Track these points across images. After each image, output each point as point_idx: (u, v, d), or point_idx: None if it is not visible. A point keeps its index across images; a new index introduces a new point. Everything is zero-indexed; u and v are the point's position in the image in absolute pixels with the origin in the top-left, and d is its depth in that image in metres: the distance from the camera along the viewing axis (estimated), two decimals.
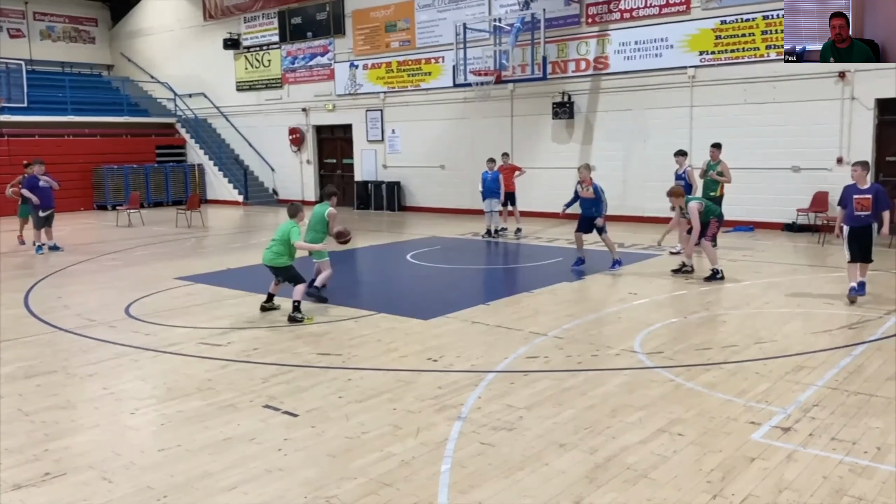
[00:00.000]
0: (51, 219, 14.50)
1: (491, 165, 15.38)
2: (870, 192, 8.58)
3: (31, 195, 14.21)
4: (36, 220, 14.33)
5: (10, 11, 27.96)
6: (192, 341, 7.65)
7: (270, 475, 4.50)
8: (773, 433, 4.99)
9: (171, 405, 5.77)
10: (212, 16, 26.35)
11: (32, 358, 7.17)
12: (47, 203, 14.32)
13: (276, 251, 8.63)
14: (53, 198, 14.56)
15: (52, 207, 14.45)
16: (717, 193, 12.89)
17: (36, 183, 14.32)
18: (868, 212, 8.59)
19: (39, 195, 14.22)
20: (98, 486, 4.38)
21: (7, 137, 22.71)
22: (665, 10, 16.74)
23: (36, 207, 14.19)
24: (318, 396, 5.89)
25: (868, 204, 8.53)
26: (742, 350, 6.96)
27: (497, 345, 7.32)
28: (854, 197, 8.58)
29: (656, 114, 17.12)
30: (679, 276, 10.73)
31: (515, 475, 4.43)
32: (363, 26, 22.39)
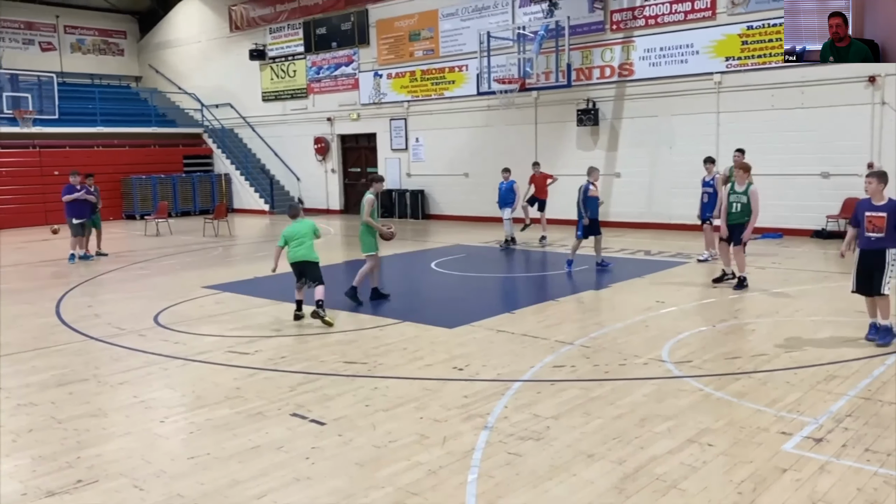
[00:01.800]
0: (86, 228, 14.61)
1: (506, 175, 15.34)
2: (885, 210, 7.02)
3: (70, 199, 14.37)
4: (71, 228, 14.46)
5: (41, 25, 28.55)
6: (221, 349, 7.72)
7: (299, 483, 4.52)
8: (805, 444, 4.91)
9: (201, 413, 5.82)
10: (238, 27, 26.68)
11: (64, 366, 7.28)
12: (80, 213, 14.44)
13: (309, 245, 8.89)
14: (89, 209, 14.63)
15: (85, 217, 14.57)
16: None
17: (71, 192, 14.45)
18: (881, 233, 7.02)
19: (71, 205, 14.35)
20: (129, 494, 4.43)
21: (39, 149, 23.16)
22: (690, 17, 16.65)
23: (70, 215, 14.35)
24: (344, 405, 5.91)
25: (882, 224, 6.99)
26: (772, 359, 6.87)
27: (523, 353, 7.29)
28: (866, 215, 7.12)
29: (682, 120, 17.01)
30: (722, 284, 10.40)
31: (543, 485, 4.41)
32: (387, 36, 22.53)
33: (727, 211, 10.14)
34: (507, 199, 15.22)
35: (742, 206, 9.98)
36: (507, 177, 15.34)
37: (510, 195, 15.18)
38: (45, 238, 18.43)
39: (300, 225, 8.98)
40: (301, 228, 8.95)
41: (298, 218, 9.08)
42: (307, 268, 8.85)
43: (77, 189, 14.51)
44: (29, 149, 23.07)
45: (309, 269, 8.85)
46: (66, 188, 14.62)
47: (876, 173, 7.22)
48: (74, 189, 14.51)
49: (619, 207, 18.16)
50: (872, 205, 7.12)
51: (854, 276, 7.31)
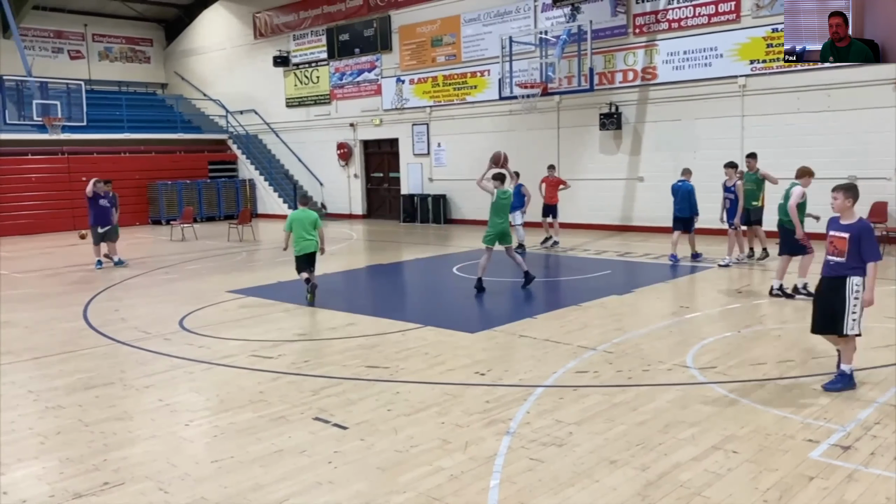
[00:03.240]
0: (110, 235, 14.71)
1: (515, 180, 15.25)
2: (848, 231, 5.88)
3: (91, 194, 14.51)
4: (94, 235, 14.66)
5: (70, 34, 29.03)
6: (244, 353, 7.78)
7: (321, 488, 4.54)
8: (833, 451, 4.84)
9: (225, 417, 5.87)
10: (262, 34, 26.94)
11: (91, 370, 7.38)
12: (104, 220, 14.58)
13: (315, 240, 10.42)
14: (112, 215, 14.75)
15: (109, 224, 14.67)
16: (759, 203, 12.69)
17: (96, 200, 14.56)
18: (841, 258, 5.91)
19: (96, 212, 14.50)
20: (154, 497, 4.48)
21: (67, 155, 23.54)
22: (714, 19, 16.52)
23: (94, 223, 14.54)
24: (366, 409, 5.93)
25: (843, 247, 5.87)
26: (799, 365, 6.78)
27: (545, 359, 7.26)
28: (829, 234, 6.04)
29: (706, 124, 16.87)
30: (800, 297, 9.76)
31: (565, 492, 4.39)
32: (410, 41, 22.61)
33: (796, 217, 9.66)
34: (515, 204, 15.13)
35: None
36: (516, 181, 15.23)
37: (518, 199, 15.09)
38: (73, 243, 18.71)
39: (305, 214, 10.38)
40: (306, 218, 10.34)
41: (304, 206, 10.66)
42: (311, 258, 10.51)
43: (101, 196, 14.59)
44: (57, 155, 23.47)
45: (313, 259, 10.55)
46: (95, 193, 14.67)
47: (843, 186, 6.02)
48: (100, 196, 14.60)
49: (643, 212, 18.04)
50: (839, 223, 6.01)
51: (812, 311, 6.21)
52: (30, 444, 5.41)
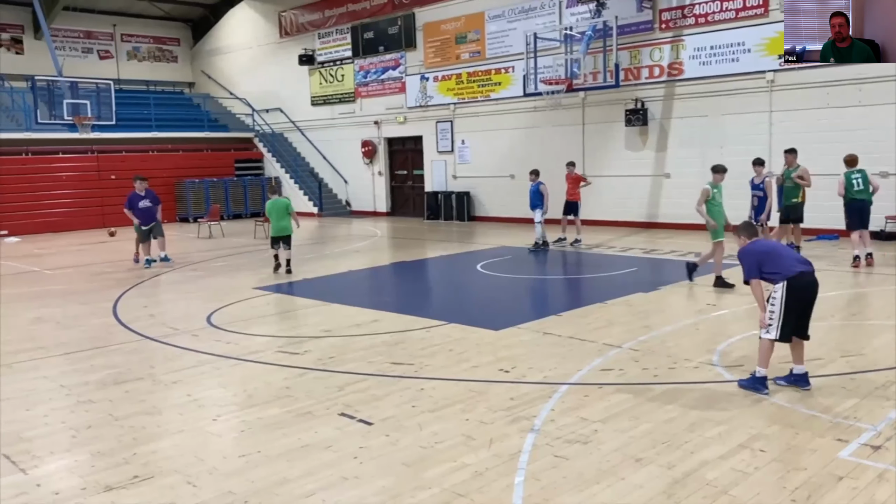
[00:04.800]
0: (156, 232, 14.45)
1: (533, 177, 15.19)
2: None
3: (131, 215, 14.31)
4: (140, 233, 14.43)
5: (99, 34, 29.45)
6: (271, 349, 7.86)
7: (346, 483, 4.58)
8: (863, 451, 4.77)
9: (252, 412, 5.94)
10: (287, 33, 27.11)
11: (121, 365, 7.49)
12: (149, 218, 14.36)
13: (288, 222, 12.77)
14: (156, 213, 14.50)
15: (154, 221, 14.43)
16: (799, 200, 12.49)
17: (136, 203, 14.32)
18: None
19: (139, 214, 14.27)
20: (183, 490, 4.55)
21: (96, 154, 23.89)
22: (742, 14, 16.33)
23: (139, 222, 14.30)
24: (391, 405, 5.96)
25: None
26: (827, 364, 6.69)
27: (570, 356, 7.24)
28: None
29: (733, 119, 16.68)
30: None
31: (590, 489, 4.38)
32: (434, 39, 22.62)
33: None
34: (534, 202, 15.09)
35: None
36: (535, 179, 15.19)
37: (537, 198, 15.04)
38: (103, 240, 19.01)
39: (278, 202, 12.89)
40: (279, 209, 12.75)
41: (273, 195, 13.16)
42: (285, 238, 12.82)
43: (142, 196, 14.36)
44: (87, 154, 23.83)
45: (285, 240, 12.83)
46: (133, 197, 14.36)
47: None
48: (140, 197, 14.35)
49: (669, 209, 17.89)
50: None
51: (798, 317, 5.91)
52: (62, 438, 5.52)
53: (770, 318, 5.86)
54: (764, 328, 5.93)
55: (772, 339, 5.90)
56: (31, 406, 6.26)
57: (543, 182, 15.13)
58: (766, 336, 5.92)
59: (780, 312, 5.80)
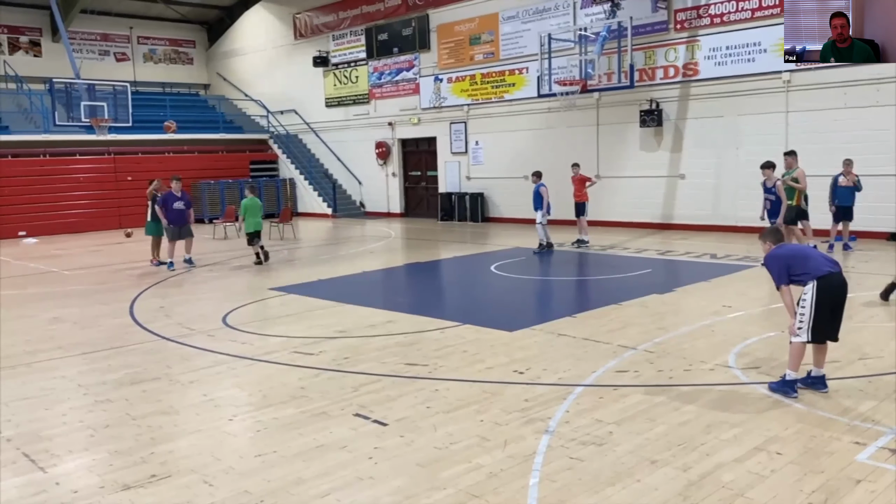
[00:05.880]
0: (184, 234, 14.42)
1: (534, 179, 15.09)
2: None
3: (162, 215, 14.23)
4: (170, 233, 14.33)
5: (116, 37, 29.70)
6: (286, 350, 7.90)
7: (361, 483, 4.60)
8: (881, 454, 4.74)
9: (267, 412, 5.97)
10: (302, 34, 27.23)
11: (138, 365, 7.56)
12: (180, 220, 14.33)
13: (260, 219, 14.47)
14: (188, 216, 14.48)
15: (184, 223, 14.39)
16: (793, 202, 12.45)
17: (171, 203, 14.22)
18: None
19: (171, 215, 14.20)
20: (200, 489, 4.58)
21: (113, 155, 24.10)
22: (758, 14, 16.24)
23: (170, 223, 14.25)
24: (406, 406, 5.97)
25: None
26: (845, 366, 6.64)
27: (585, 358, 7.23)
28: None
29: (749, 120, 16.59)
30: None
31: (605, 491, 4.37)
32: (448, 40, 22.64)
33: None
34: (535, 204, 15.01)
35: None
36: (536, 180, 15.08)
37: (537, 199, 14.95)
38: (120, 241, 19.16)
39: (253, 201, 14.54)
40: (253, 208, 14.33)
41: (253, 195, 14.82)
42: (259, 233, 14.40)
43: (178, 198, 14.27)
44: (104, 155, 24.03)
45: (259, 234, 14.39)
46: (169, 196, 14.29)
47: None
48: (175, 198, 14.26)
49: (684, 210, 17.82)
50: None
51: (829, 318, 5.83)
52: (80, 437, 5.58)
53: (800, 322, 5.80)
54: (794, 335, 5.86)
55: (803, 342, 5.84)
56: (49, 405, 6.33)
57: (545, 184, 15.05)
58: (796, 339, 5.86)
59: (811, 313, 5.76)
